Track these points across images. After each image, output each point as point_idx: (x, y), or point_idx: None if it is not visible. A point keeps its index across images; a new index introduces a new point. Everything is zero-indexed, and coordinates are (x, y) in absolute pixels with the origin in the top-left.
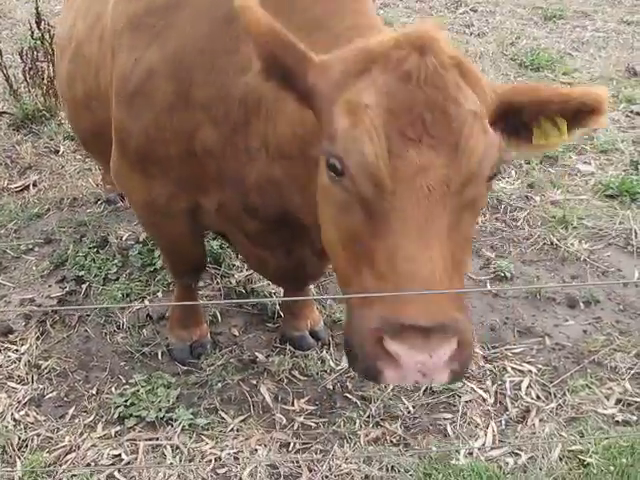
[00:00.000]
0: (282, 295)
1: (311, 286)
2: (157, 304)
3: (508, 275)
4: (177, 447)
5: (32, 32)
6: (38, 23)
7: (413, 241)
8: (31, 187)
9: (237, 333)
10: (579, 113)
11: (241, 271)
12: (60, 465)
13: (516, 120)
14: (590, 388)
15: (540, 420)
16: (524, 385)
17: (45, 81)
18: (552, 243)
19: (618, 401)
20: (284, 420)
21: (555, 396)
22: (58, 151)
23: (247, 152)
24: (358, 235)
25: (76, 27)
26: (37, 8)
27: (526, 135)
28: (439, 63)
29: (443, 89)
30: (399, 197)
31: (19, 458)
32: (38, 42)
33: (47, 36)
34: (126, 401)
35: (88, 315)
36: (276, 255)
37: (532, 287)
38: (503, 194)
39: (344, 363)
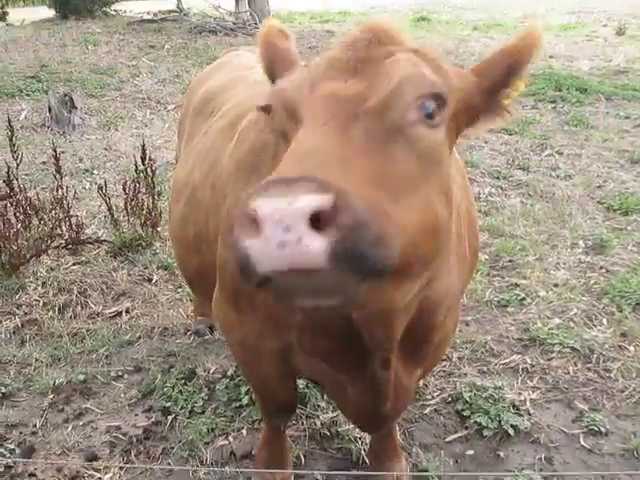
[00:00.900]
0: (369, 442)
1: (397, 434)
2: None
3: (602, 430)
4: None
5: (136, 166)
6: (143, 159)
7: (309, 133)
8: (124, 314)
9: (320, 478)
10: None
11: (326, 412)
12: None
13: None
14: None
15: None
16: None
17: (144, 212)
18: None
19: None
20: None
21: None
22: (151, 280)
23: None
24: None
25: (193, 174)
26: (143, 146)
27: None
28: (382, 38)
29: (382, 50)
30: (305, 110)
31: None
32: (141, 175)
33: (149, 170)
34: None
35: (172, 448)
36: (351, 377)
37: None
38: (595, 343)
39: None
